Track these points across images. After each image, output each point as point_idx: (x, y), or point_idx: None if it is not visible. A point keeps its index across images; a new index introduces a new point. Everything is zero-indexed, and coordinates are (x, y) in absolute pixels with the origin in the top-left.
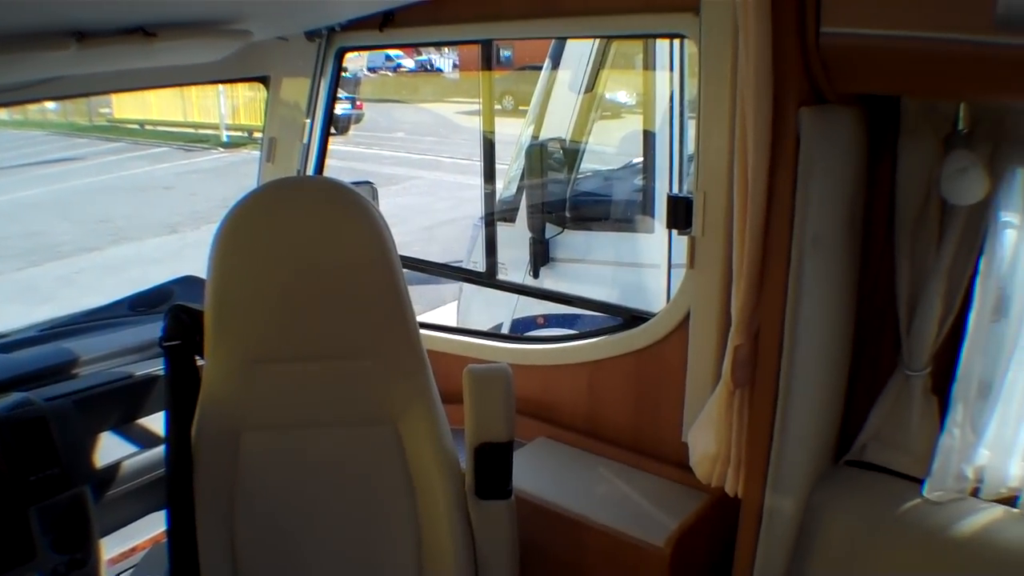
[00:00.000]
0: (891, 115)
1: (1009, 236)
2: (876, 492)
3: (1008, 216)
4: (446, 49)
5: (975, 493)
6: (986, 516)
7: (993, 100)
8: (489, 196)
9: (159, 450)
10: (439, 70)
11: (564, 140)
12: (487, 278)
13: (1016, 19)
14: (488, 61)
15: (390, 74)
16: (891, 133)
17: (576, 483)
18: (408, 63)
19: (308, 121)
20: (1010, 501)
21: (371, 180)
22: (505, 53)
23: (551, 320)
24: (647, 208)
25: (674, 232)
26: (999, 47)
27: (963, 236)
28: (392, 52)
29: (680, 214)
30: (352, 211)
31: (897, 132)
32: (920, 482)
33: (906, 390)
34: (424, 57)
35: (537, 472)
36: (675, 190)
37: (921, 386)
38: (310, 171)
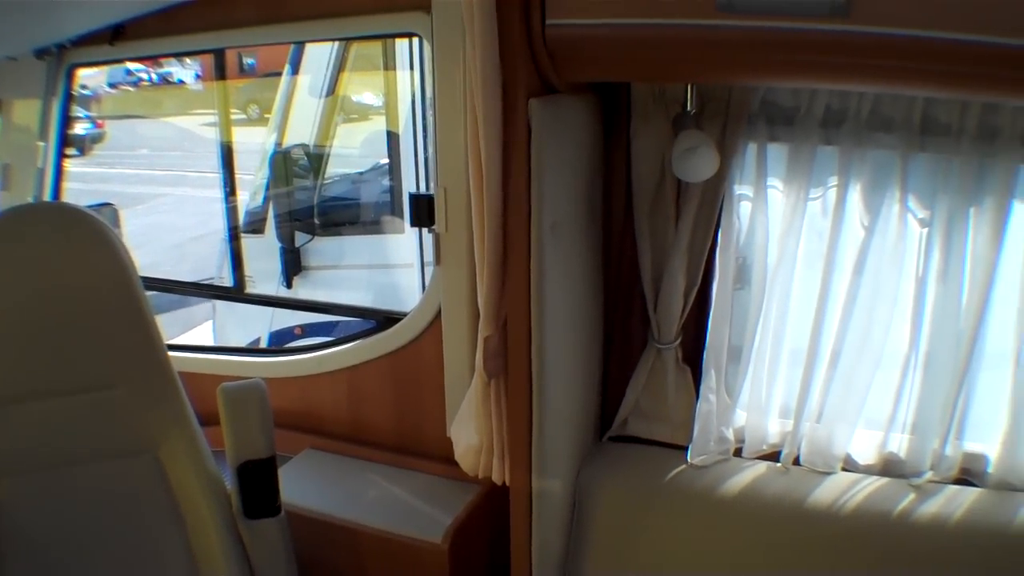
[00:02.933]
0: (623, 101)
1: (744, 208)
2: (642, 464)
3: (742, 189)
4: (187, 60)
5: (738, 453)
6: (751, 473)
7: (719, 81)
8: (233, 209)
9: None
10: (180, 82)
11: (308, 146)
12: (236, 293)
13: (737, 2)
14: (221, 70)
15: (131, 89)
16: (624, 118)
17: (347, 491)
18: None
19: (42, 144)
20: (773, 457)
21: (113, 201)
22: (249, 60)
23: (309, 329)
24: (396, 209)
25: (425, 230)
26: (721, 30)
27: (699, 212)
28: (133, 66)
29: (423, 212)
30: (88, 236)
31: (630, 117)
32: (684, 449)
33: (659, 363)
34: (165, 69)
35: (306, 484)
36: (422, 188)
37: (673, 358)
38: (47, 196)
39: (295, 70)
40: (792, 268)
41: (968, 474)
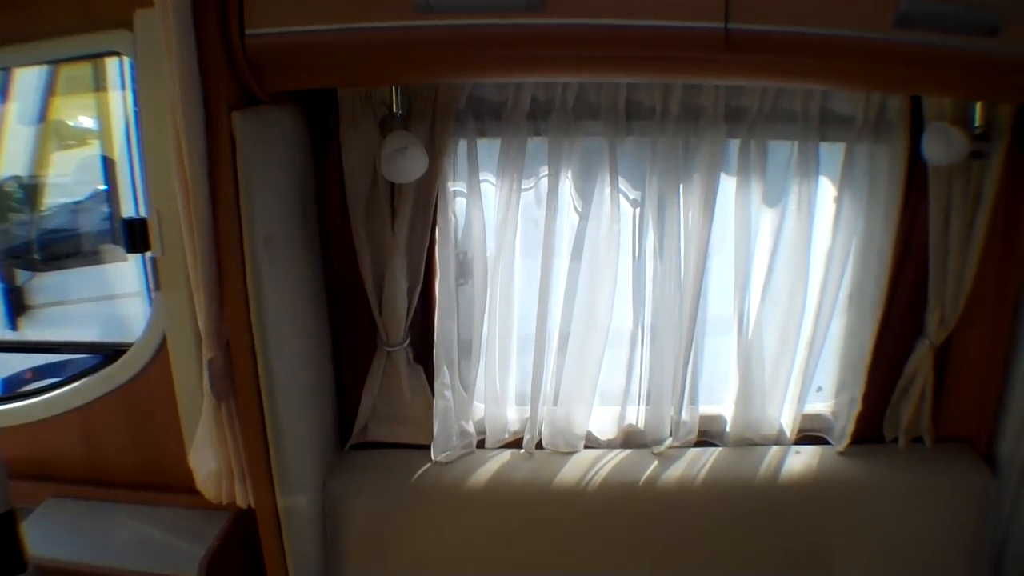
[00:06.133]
0: (331, 107)
1: (460, 204)
2: (387, 467)
3: (456, 186)
4: None
5: (481, 445)
6: (496, 463)
7: (423, 81)
8: None
9: None
10: None
11: (23, 177)
12: None
13: (434, 2)
14: None
15: None
16: (333, 124)
17: (95, 536)
18: None
19: None
20: (516, 444)
21: None
22: None
23: (42, 371)
24: (118, 236)
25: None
26: (419, 30)
27: (415, 211)
28: None
29: (138, 236)
30: None
31: (339, 123)
32: (428, 448)
33: (391, 366)
34: None
35: (52, 535)
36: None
37: (404, 359)
38: None
39: (4, 97)
40: (512, 258)
41: (708, 435)
